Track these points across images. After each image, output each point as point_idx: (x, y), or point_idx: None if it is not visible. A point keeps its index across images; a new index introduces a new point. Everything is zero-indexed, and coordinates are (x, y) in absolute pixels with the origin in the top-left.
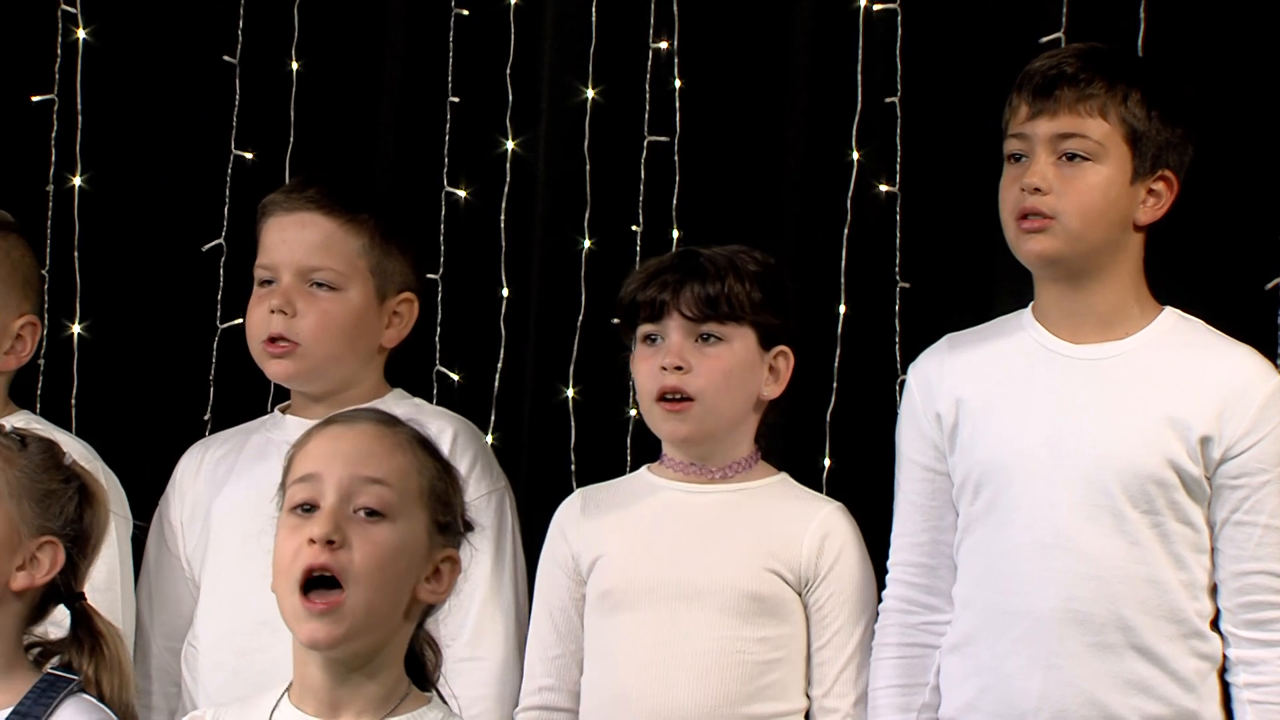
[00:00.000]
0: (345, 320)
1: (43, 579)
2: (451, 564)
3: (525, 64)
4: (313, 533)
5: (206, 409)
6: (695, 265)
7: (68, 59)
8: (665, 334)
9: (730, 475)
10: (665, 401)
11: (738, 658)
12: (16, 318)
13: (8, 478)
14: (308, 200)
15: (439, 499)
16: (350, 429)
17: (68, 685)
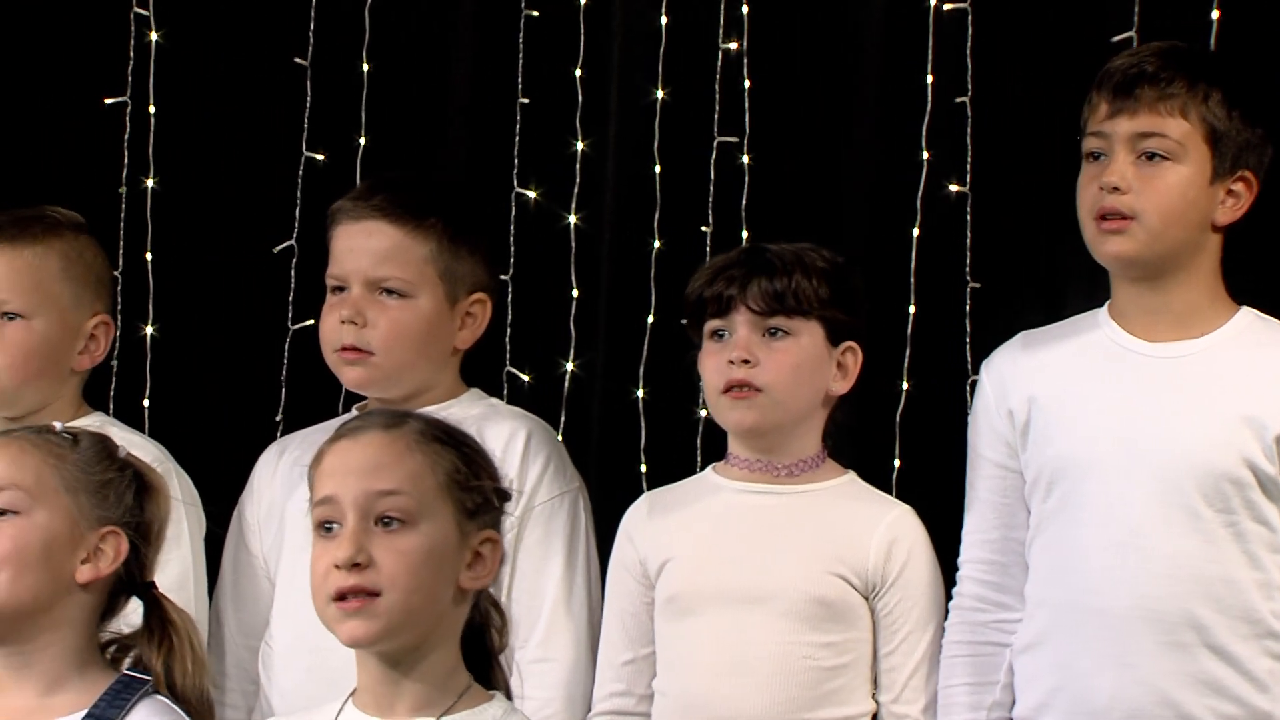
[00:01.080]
0: (416, 327)
1: (108, 569)
2: (492, 545)
3: (595, 65)
4: (337, 557)
5: (278, 410)
6: (762, 260)
7: (140, 62)
8: (732, 329)
9: (797, 474)
10: (731, 391)
11: (803, 663)
12: (90, 318)
13: (61, 473)
14: (374, 208)
15: (462, 487)
16: (357, 442)
17: (142, 686)
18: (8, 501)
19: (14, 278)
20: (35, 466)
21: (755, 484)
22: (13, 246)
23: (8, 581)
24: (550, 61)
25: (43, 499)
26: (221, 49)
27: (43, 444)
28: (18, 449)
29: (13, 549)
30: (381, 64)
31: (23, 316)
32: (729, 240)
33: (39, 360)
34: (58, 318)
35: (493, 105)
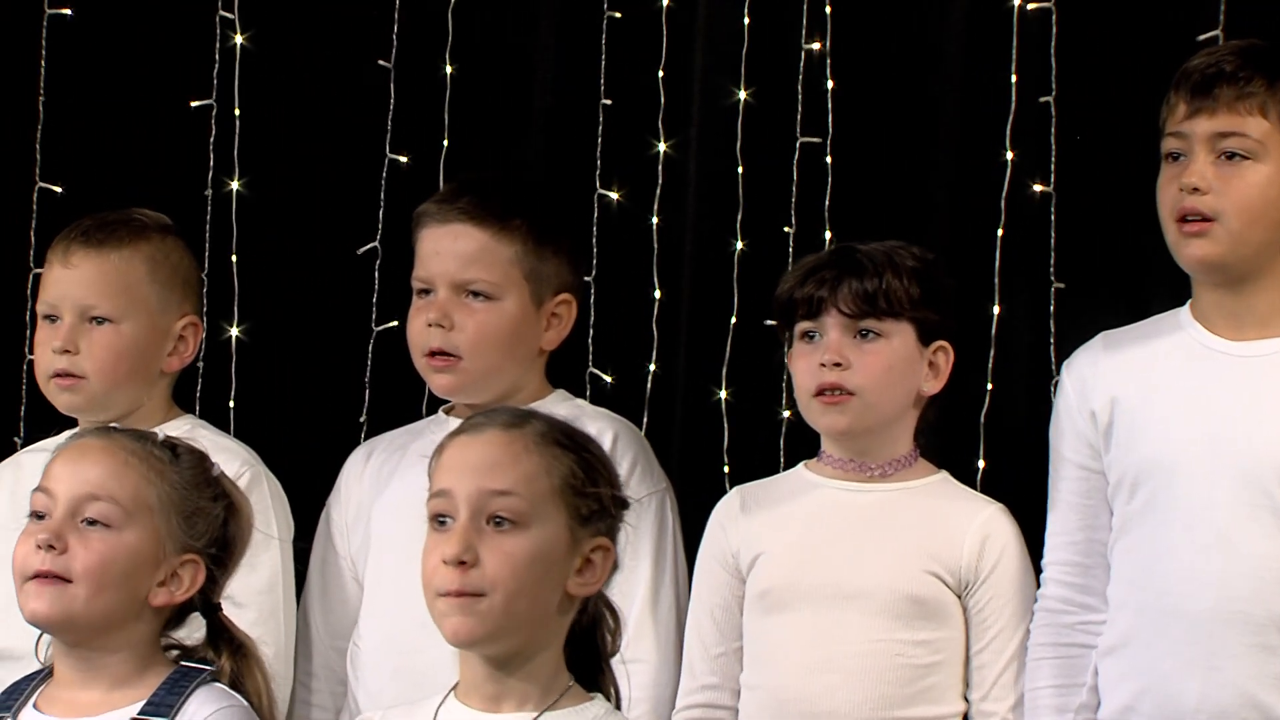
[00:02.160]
0: (502, 330)
1: (182, 596)
2: (604, 553)
3: (677, 66)
4: (445, 553)
5: (362, 411)
6: (852, 261)
7: (226, 65)
8: (823, 331)
9: (890, 473)
10: (824, 395)
11: (895, 660)
12: (178, 319)
13: (159, 492)
14: (459, 211)
15: (577, 492)
16: (477, 439)
17: (199, 675)
18: (101, 513)
19: (102, 282)
20: (135, 482)
21: (848, 482)
22: (99, 251)
23: (86, 596)
24: (633, 63)
25: (136, 516)
26: (306, 52)
27: (144, 457)
28: (121, 460)
29: (98, 564)
30: (464, 66)
31: (111, 320)
32: (811, 241)
33: (128, 363)
34: (146, 320)
35: (575, 107)
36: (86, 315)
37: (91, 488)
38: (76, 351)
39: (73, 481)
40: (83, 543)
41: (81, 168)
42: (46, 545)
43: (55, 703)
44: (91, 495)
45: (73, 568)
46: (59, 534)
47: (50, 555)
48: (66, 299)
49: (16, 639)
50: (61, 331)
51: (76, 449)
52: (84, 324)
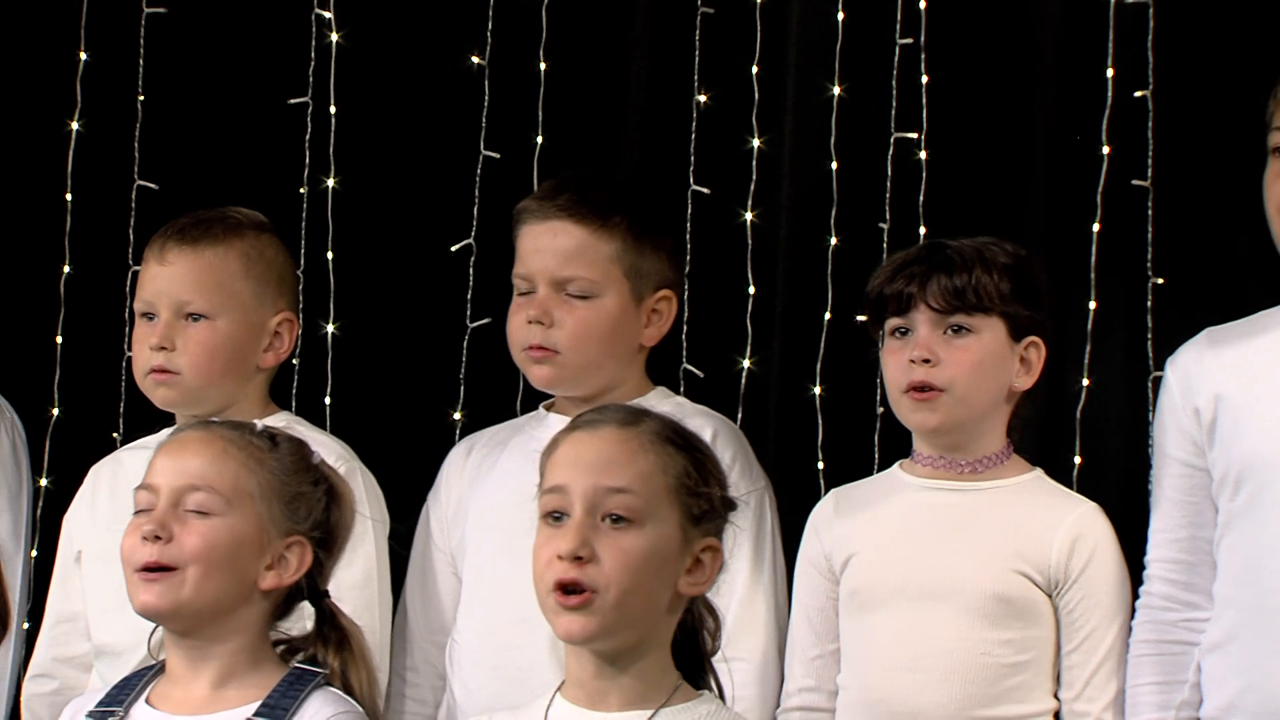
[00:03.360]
0: (602, 326)
1: (290, 579)
2: (713, 553)
3: (771, 61)
4: (561, 549)
5: (457, 408)
6: (942, 257)
7: (321, 63)
8: (913, 327)
9: (981, 470)
10: (914, 392)
11: (983, 660)
12: (273, 315)
13: (259, 479)
14: (559, 208)
15: (690, 493)
16: (593, 435)
17: (314, 678)
18: (202, 502)
19: (197, 278)
20: (234, 471)
21: (940, 481)
22: (195, 248)
23: (195, 581)
24: (727, 58)
25: (237, 504)
26: (401, 49)
27: (244, 446)
28: (220, 450)
29: (203, 548)
30: (558, 63)
31: (207, 317)
32: (906, 236)
33: (224, 359)
34: (241, 317)
35: (669, 103)
36: (182, 312)
37: (192, 478)
38: (173, 348)
39: (174, 474)
40: (186, 531)
41: (179, 165)
42: (152, 536)
43: (167, 699)
44: (192, 485)
45: (179, 555)
46: (163, 524)
47: (156, 546)
48: (163, 296)
49: (118, 635)
50: (158, 329)
51: (176, 443)
52: (180, 321)
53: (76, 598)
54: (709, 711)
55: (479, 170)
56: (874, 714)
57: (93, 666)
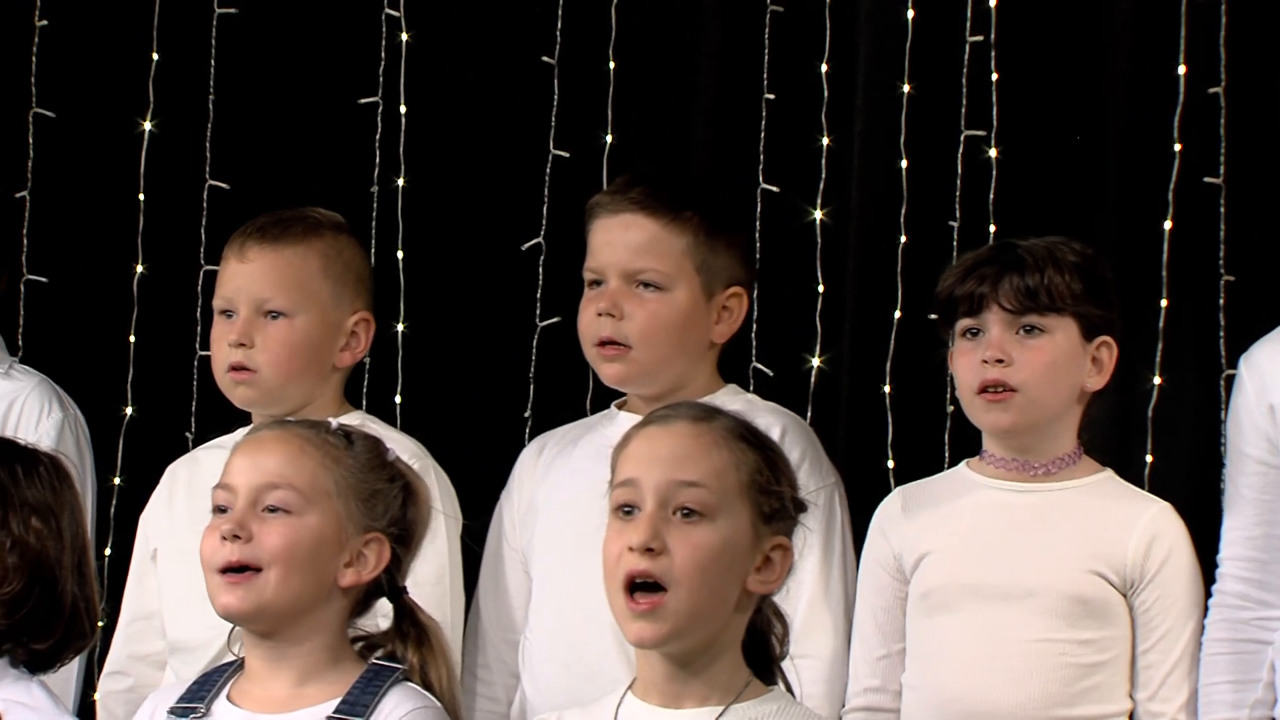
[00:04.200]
0: (673, 320)
1: (369, 576)
2: (783, 552)
3: (841, 59)
4: (632, 540)
5: (527, 406)
6: (1014, 257)
7: (392, 62)
8: (985, 327)
9: (1053, 472)
10: (987, 392)
11: (1059, 660)
12: (350, 315)
13: (335, 477)
14: (631, 201)
15: (761, 490)
16: (666, 430)
17: (393, 674)
18: (281, 500)
19: (276, 277)
20: (311, 468)
21: (1011, 481)
22: (274, 247)
23: (277, 580)
24: (796, 56)
25: (315, 501)
26: (470, 48)
27: (320, 444)
28: (297, 448)
29: (283, 547)
30: (628, 61)
31: (285, 315)
32: (976, 235)
33: (302, 357)
34: (319, 315)
35: (738, 101)
36: (261, 309)
37: (270, 476)
38: (251, 345)
39: (251, 473)
40: (266, 530)
41: (250, 165)
42: (231, 535)
43: (247, 696)
44: (270, 484)
45: (260, 555)
46: (242, 523)
47: (237, 545)
48: (242, 293)
49: (193, 632)
50: (237, 325)
51: (252, 442)
52: (259, 318)
53: (152, 596)
54: (779, 708)
55: (548, 169)
56: (947, 714)
57: (167, 663)
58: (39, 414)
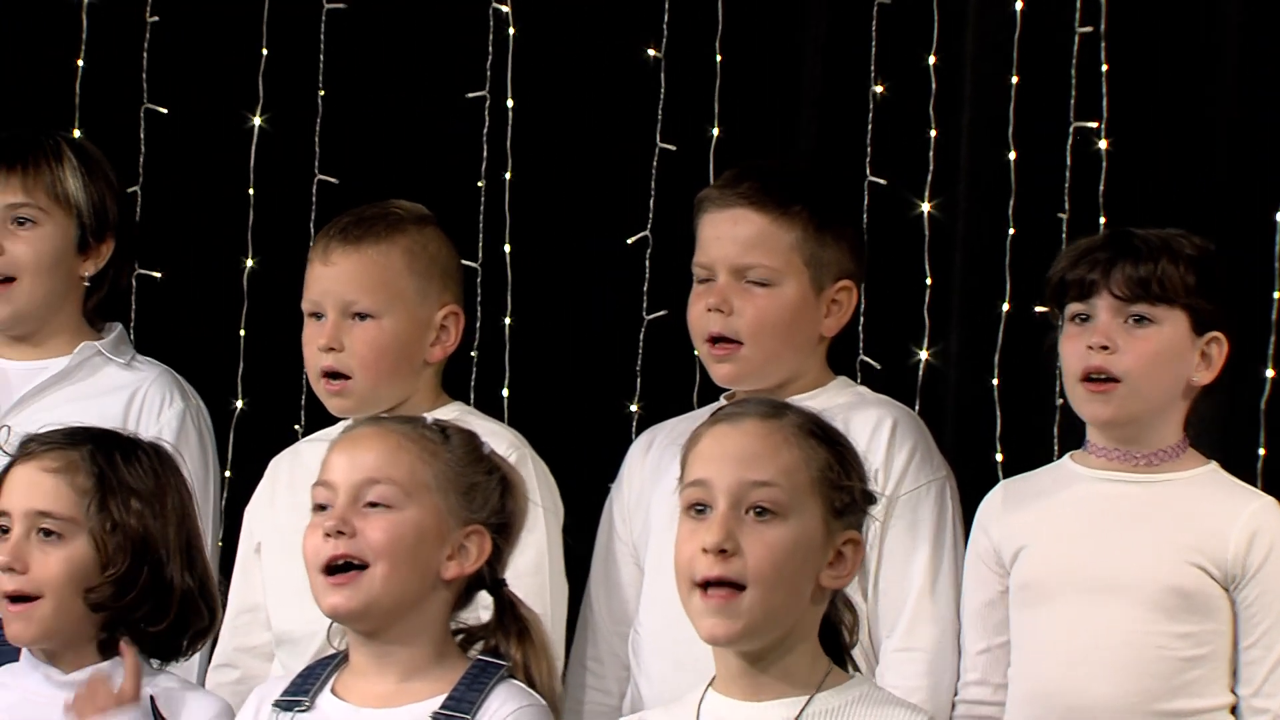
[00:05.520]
0: (782, 315)
1: (471, 568)
2: (854, 546)
3: (948, 51)
4: (706, 542)
5: (634, 399)
6: (1128, 245)
7: (499, 56)
8: (1094, 313)
9: (1156, 463)
10: (1090, 382)
11: (1157, 653)
12: (438, 309)
13: (434, 471)
14: (740, 196)
15: (832, 486)
16: (736, 428)
17: (498, 671)
18: (382, 495)
19: (360, 277)
20: (409, 463)
21: (1113, 473)
22: (357, 247)
23: (383, 575)
24: (903, 48)
25: (415, 496)
26: (577, 42)
27: (417, 439)
28: (395, 443)
29: (387, 541)
30: (734, 54)
31: (372, 316)
32: (1085, 226)
33: (391, 357)
34: (406, 313)
35: (845, 94)
36: (348, 312)
37: (370, 472)
38: (341, 348)
39: (351, 469)
40: (369, 525)
41: (359, 160)
42: (335, 532)
43: (351, 690)
44: (371, 479)
45: (364, 550)
46: (345, 520)
47: (340, 541)
48: (328, 296)
49: (297, 624)
50: (326, 329)
51: (350, 439)
52: (346, 320)
53: (257, 588)
54: (862, 694)
55: (655, 162)
56: (1046, 707)
57: (274, 656)
58: (161, 404)
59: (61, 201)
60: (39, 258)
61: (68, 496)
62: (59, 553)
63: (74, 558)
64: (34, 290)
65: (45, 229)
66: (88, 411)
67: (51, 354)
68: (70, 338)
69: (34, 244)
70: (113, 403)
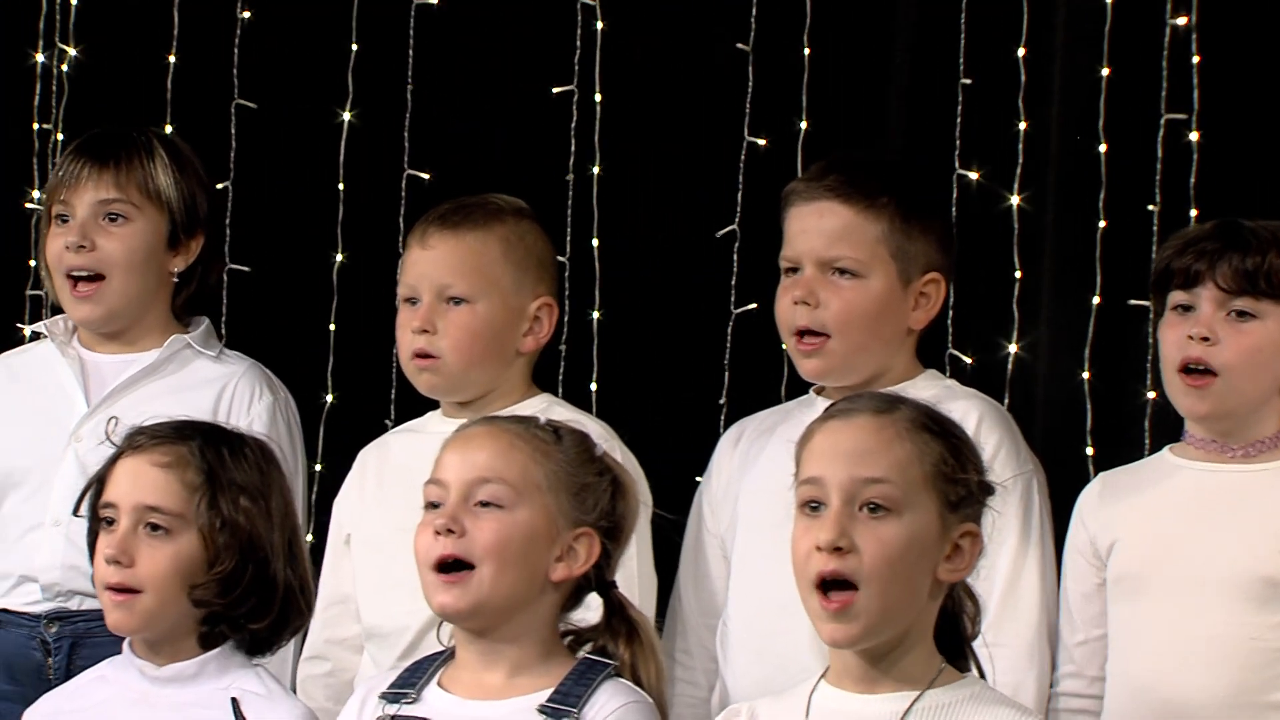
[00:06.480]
0: (868, 307)
1: (580, 570)
2: (972, 538)
3: (1038, 43)
4: (820, 539)
5: (721, 393)
6: (1237, 236)
7: (586, 50)
8: (1196, 304)
9: (1253, 455)
10: (1187, 374)
11: (1251, 645)
12: (532, 300)
13: (546, 471)
14: (826, 188)
15: (947, 479)
16: (848, 424)
17: (605, 669)
18: (493, 495)
19: (457, 262)
20: (522, 463)
21: (1211, 464)
22: (455, 233)
23: (491, 576)
24: (992, 40)
25: (526, 495)
26: (664, 36)
27: (529, 439)
28: (507, 443)
29: (496, 542)
30: (822, 47)
31: (467, 301)
32: (1177, 219)
33: (484, 343)
34: (500, 300)
35: (933, 86)
36: (443, 295)
37: (481, 471)
38: (434, 331)
39: (462, 468)
40: (479, 525)
41: (448, 155)
42: (445, 530)
43: (458, 684)
44: (482, 478)
45: (473, 550)
46: (455, 518)
47: (451, 540)
48: (424, 280)
49: (386, 618)
50: (420, 312)
51: (463, 438)
52: (441, 304)
53: (347, 581)
54: (972, 693)
55: (743, 156)
56: (1143, 701)
57: (364, 648)
58: (250, 398)
59: (153, 197)
60: (130, 254)
61: (177, 492)
62: (166, 548)
63: (181, 554)
64: (125, 287)
65: (136, 225)
66: (178, 405)
67: (141, 349)
68: (160, 334)
69: (125, 240)
70: (203, 396)
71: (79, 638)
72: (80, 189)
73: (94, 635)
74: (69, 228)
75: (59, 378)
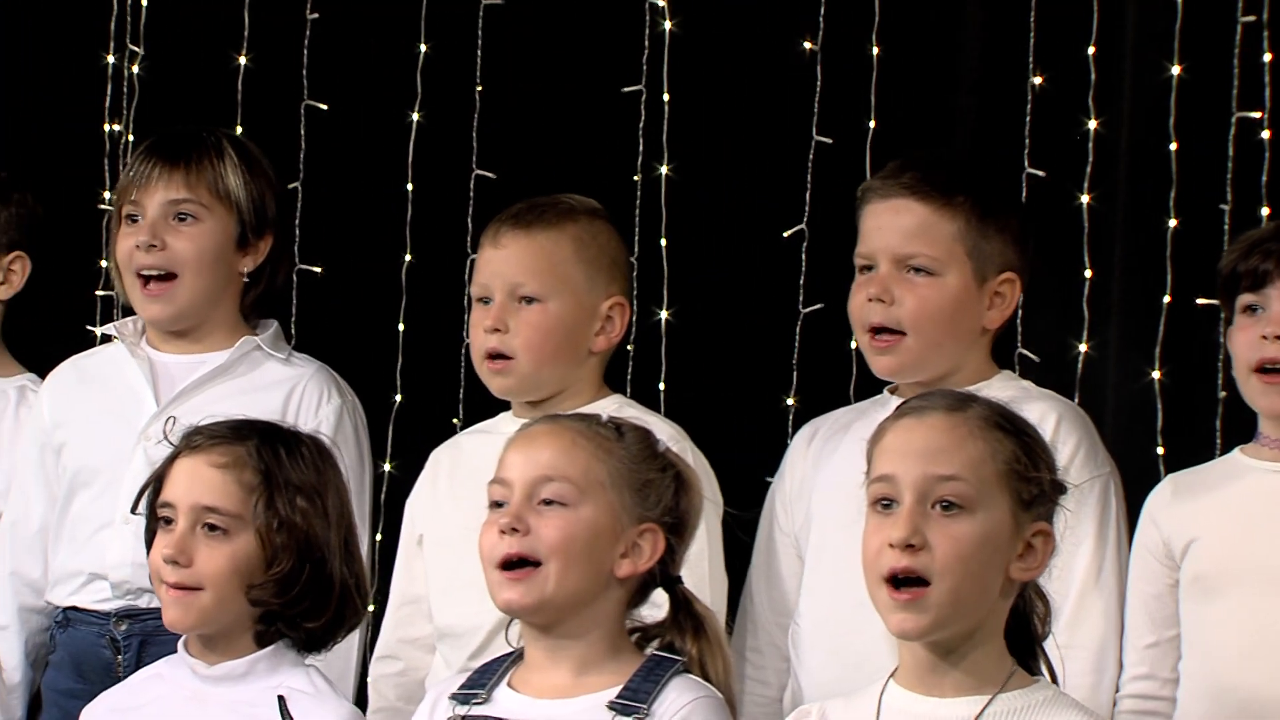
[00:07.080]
0: (943, 305)
1: (645, 566)
2: (1044, 537)
3: (1108, 41)
4: (892, 537)
5: (790, 393)
6: None
7: (655, 50)
8: (1266, 304)
9: None
10: (1263, 373)
11: None
12: (605, 299)
13: (609, 468)
14: (902, 186)
15: (1020, 478)
16: (921, 422)
17: (673, 665)
18: (556, 493)
19: (529, 261)
20: (585, 460)
21: None
22: (528, 232)
23: (557, 573)
24: (1062, 39)
25: (590, 493)
26: (732, 35)
27: (592, 436)
28: (569, 440)
29: (561, 540)
30: (891, 46)
31: (539, 299)
32: (1248, 218)
33: (555, 341)
34: (572, 300)
35: (1003, 85)
36: (516, 294)
37: (545, 469)
38: (506, 330)
39: (526, 466)
40: (543, 523)
41: (516, 155)
42: (510, 529)
43: (527, 684)
44: (545, 477)
45: (538, 548)
46: (519, 517)
47: (515, 538)
48: (497, 278)
49: (459, 618)
50: (492, 311)
51: (525, 437)
52: (513, 303)
53: (420, 580)
54: (1045, 698)
55: (811, 155)
56: (1222, 702)
57: (435, 648)
58: (318, 400)
59: (222, 198)
60: (200, 254)
61: (235, 493)
62: (224, 548)
63: (239, 554)
64: (194, 286)
65: (206, 225)
66: (248, 406)
67: (209, 349)
68: (228, 334)
69: (195, 240)
70: (272, 398)
71: (148, 635)
72: (150, 189)
73: (163, 633)
74: (139, 227)
75: (128, 378)
